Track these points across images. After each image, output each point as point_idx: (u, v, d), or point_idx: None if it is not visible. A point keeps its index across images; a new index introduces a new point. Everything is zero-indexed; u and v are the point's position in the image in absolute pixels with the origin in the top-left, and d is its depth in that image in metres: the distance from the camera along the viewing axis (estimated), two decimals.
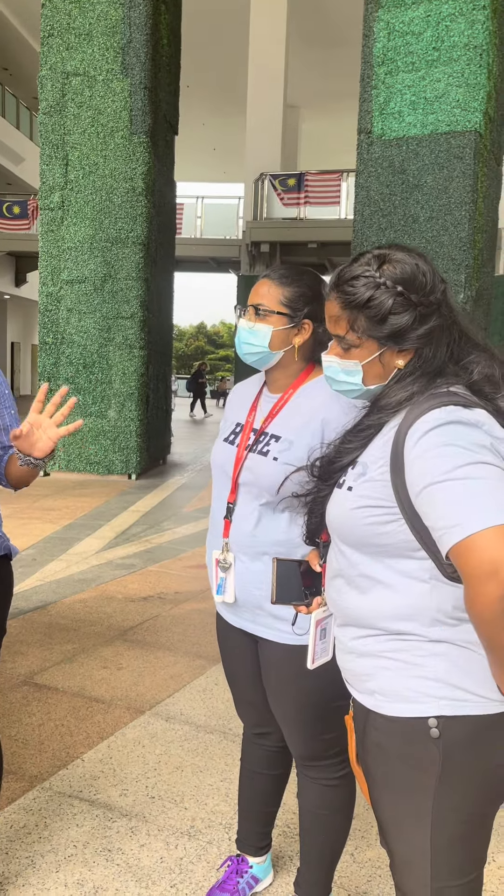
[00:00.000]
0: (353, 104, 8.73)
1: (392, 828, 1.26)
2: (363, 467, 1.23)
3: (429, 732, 1.17)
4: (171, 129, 9.84)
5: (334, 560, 1.31)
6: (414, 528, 1.16)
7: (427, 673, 1.19)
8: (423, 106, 7.30)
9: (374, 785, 1.28)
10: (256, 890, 1.98)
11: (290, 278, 1.66)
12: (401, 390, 1.23)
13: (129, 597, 4.48)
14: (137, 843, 2.16)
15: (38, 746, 2.67)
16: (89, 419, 8.84)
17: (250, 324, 1.66)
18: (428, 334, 1.22)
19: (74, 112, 8.68)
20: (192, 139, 20.53)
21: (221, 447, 1.76)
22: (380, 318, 1.22)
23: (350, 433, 1.30)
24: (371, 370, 1.27)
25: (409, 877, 1.25)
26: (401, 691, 1.21)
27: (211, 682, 3.28)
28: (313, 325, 1.66)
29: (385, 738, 1.24)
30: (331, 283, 1.29)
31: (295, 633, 1.62)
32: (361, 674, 1.27)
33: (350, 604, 1.27)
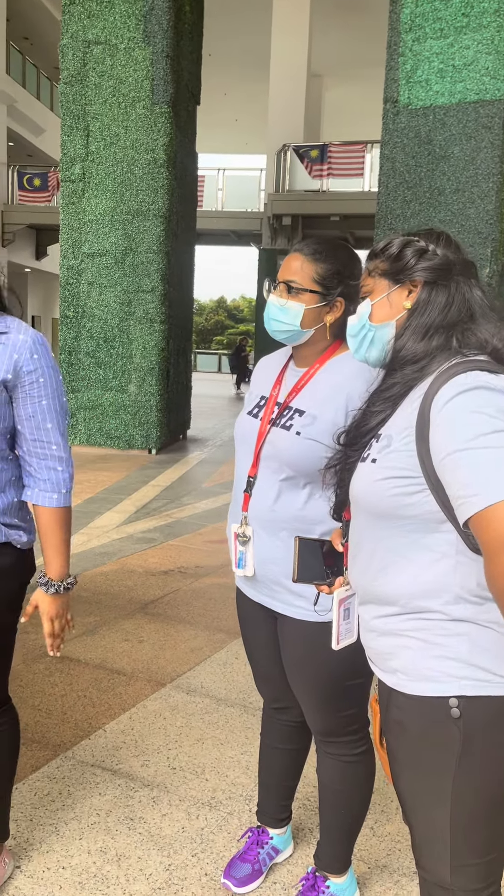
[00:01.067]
0: (378, 72, 8.53)
1: (412, 806, 1.26)
2: (388, 439, 1.22)
3: (449, 712, 1.17)
4: (193, 99, 9.70)
5: (357, 536, 1.30)
6: (439, 499, 1.15)
7: (449, 652, 1.18)
8: (452, 74, 7.12)
9: (395, 762, 1.28)
10: (276, 861, 2.00)
11: (324, 254, 1.62)
12: (416, 339, 1.24)
13: (149, 570, 4.51)
14: (159, 813, 2.19)
15: (61, 716, 2.71)
16: (110, 393, 8.86)
17: (282, 301, 1.63)
18: (437, 269, 1.26)
19: (95, 81, 8.58)
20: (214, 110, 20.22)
21: (245, 420, 1.75)
22: (394, 255, 1.29)
23: (375, 394, 1.29)
24: (379, 309, 1.31)
25: (428, 854, 1.25)
26: (422, 670, 1.20)
27: (231, 655, 3.30)
28: (346, 302, 1.63)
29: (406, 716, 1.24)
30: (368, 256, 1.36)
31: (317, 613, 1.62)
32: (383, 652, 1.27)
33: (372, 580, 1.26)
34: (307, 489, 1.62)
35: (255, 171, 18.61)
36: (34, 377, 1.58)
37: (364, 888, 1.92)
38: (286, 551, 1.64)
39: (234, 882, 1.89)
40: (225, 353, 37.54)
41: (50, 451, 1.64)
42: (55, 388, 1.63)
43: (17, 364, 1.56)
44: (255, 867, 1.92)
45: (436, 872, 1.25)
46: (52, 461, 1.65)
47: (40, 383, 1.59)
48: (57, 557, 1.70)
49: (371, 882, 1.95)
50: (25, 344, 1.57)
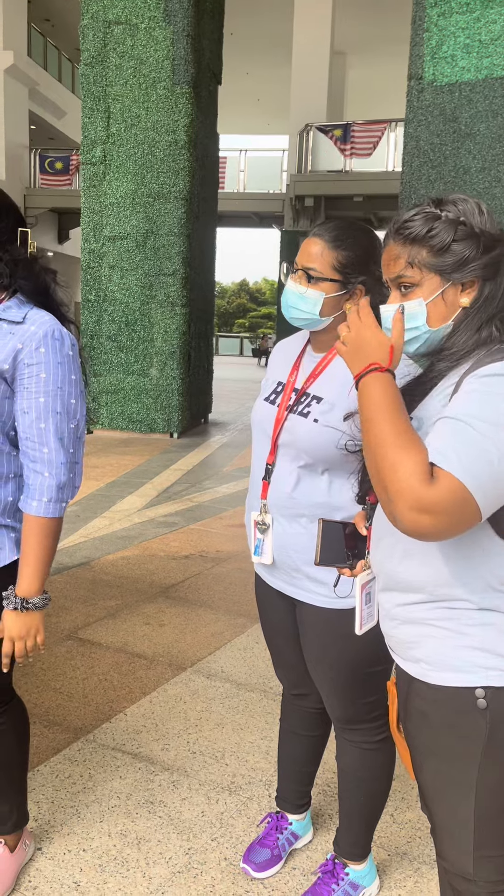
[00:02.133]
0: (403, 49, 8.38)
1: (435, 795, 1.24)
2: (419, 422, 1.18)
3: (476, 703, 1.15)
4: (214, 79, 9.60)
5: (382, 520, 1.27)
6: None
7: (475, 642, 1.15)
8: (478, 49, 6.95)
9: (417, 752, 1.26)
10: (296, 846, 2.00)
11: (345, 240, 1.57)
12: (470, 334, 1.18)
13: (170, 554, 4.52)
14: (179, 797, 2.20)
15: (83, 699, 2.73)
16: (131, 377, 8.87)
17: (301, 289, 1.59)
18: (494, 264, 1.18)
19: (116, 62, 8.51)
20: (236, 90, 20.01)
21: (262, 406, 1.72)
22: (441, 248, 1.18)
23: (412, 385, 1.25)
24: (435, 309, 1.20)
25: (450, 844, 1.24)
26: (448, 660, 1.18)
27: (251, 640, 3.30)
28: (366, 290, 1.59)
29: (429, 706, 1.21)
30: (388, 232, 1.24)
31: (336, 597, 1.60)
32: (406, 641, 1.24)
33: (396, 567, 1.23)
34: (326, 475, 1.60)
35: (278, 151, 18.42)
36: (34, 371, 1.49)
37: (384, 875, 1.92)
38: (307, 538, 1.62)
39: (253, 867, 1.89)
40: (247, 336, 37.41)
41: (40, 453, 1.52)
42: (58, 387, 1.51)
43: (18, 355, 1.48)
44: (274, 852, 1.92)
45: (457, 863, 1.23)
46: (40, 465, 1.52)
47: (40, 378, 1.49)
48: (26, 570, 1.54)
49: (391, 869, 1.94)
50: (35, 336, 1.49)
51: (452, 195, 1.22)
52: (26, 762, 1.85)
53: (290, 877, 1.91)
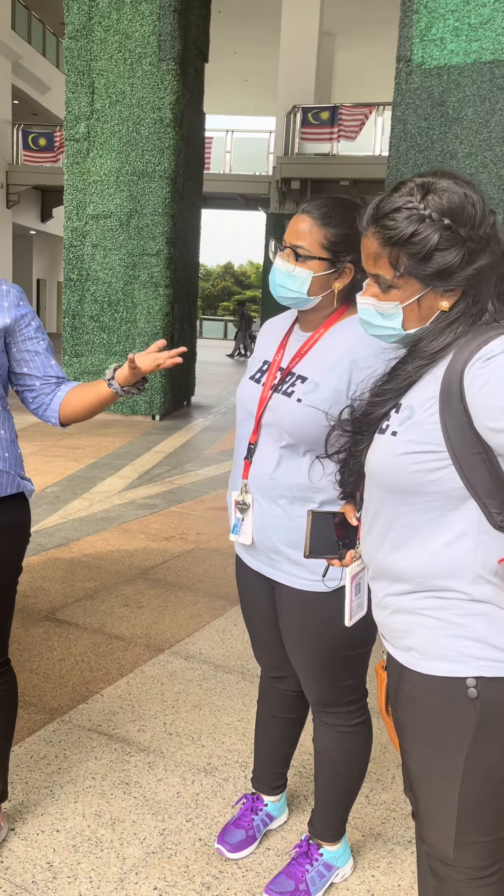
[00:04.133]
0: (392, 31, 8.29)
1: (421, 781, 1.24)
2: (409, 410, 1.15)
3: (466, 692, 1.15)
4: (201, 56, 9.46)
5: (371, 510, 1.25)
6: (463, 475, 1.10)
7: (467, 633, 1.15)
8: (467, 32, 6.91)
9: (406, 738, 1.26)
10: (271, 827, 2.00)
11: (334, 218, 1.53)
12: (445, 335, 1.14)
13: (151, 536, 4.49)
14: (154, 778, 2.19)
15: (59, 680, 2.71)
16: (113, 358, 8.78)
17: (289, 267, 1.55)
18: (477, 274, 1.12)
19: (101, 36, 8.36)
20: (223, 69, 19.72)
21: (247, 385, 1.70)
22: (424, 256, 1.11)
23: (385, 383, 1.21)
24: (412, 313, 1.17)
25: (432, 829, 1.24)
26: (439, 650, 1.17)
27: (230, 622, 3.29)
28: (355, 268, 1.56)
29: (420, 694, 1.21)
30: (368, 217, 1.17)
31: (316, 580, 1.59)
32: (397, 629, 1.23)
33: (387, 557, 1.21)
34: (308, 457, 1.58)
35: (264, 133, 18.25)
36: (27, 320, 1.73)
37: (358, 856, 1.92)
38: (286, 519, 1.61)
39: (227, 847, 1.89)
40: (231, 320, 37.20)
41: (58, 381, 1.80)
42: (44, 330, 1.79)
43: (10, 310, 1.70)
44: (248, 833, 1.92)
45: (439, 847, 1.24)
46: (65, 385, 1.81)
47: (33, 326, 1.74)
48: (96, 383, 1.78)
49: (365, 850, 1.95)
50: (10, 293, 1.71)
51: (442, 181, 1.14)
52: (12, 735, 1.86)
53: (265, 857, 1.91)
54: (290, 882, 1.77)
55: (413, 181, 1.16)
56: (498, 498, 1.10)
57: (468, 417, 1.08)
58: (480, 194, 1.15)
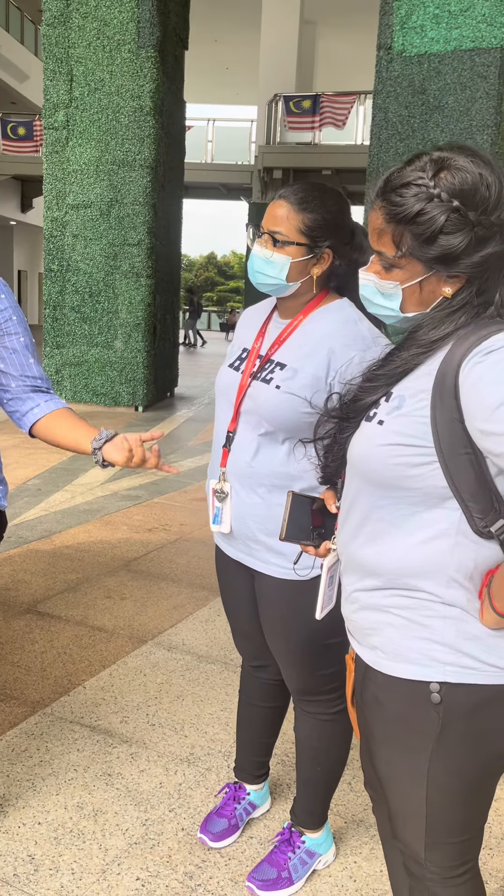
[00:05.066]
0: (372, 20, 8.26)
1: (388, 782, 1.23)
2: (399, 400, 1.10)
3: (430, 697, 1.12)
4: (180, 44, 9.37)
5: (349, 499, 1.21)
6: (448, 474, 1.06)
7: (434, 635, 1.11)
8: (447, 20, 6.88)
9: (371, 738, 1.24)
10: (253, 816, 2.00)
11: (312, 202, 1.52)
12: (445, 324, 1.08)
13: (133, 528, 4.48)
14: (137, 769, 2.19)
15: (41, 673, 2.70)
16: (95, 349, 8.73)
17: (267, 253, 1.54)
18: (483, 262, 1.06)
19: (79, 23, 8.26)
20: (204, 57, 19.58)
21: (226, 373, 1.69)
22: (428, 237, 1.05)
23: (378, 368, 1.17)
24: (412, 296, 1.12)
25: (404, 829, 1.23)
26: (404, 651, 1.14)
27: (213, 612, 3.29)
28: (333, 254, 1.55)
29: (384, 694, 1.19)
30: (377, 189, 1.11)
31: (296, 572, 1.58)
32: (364, 627, 1.20)
33: (360, 549, 1.18)
34: (286, 445, 1.57)
35: (246, 122, 18.16)
36: (7, 315, 1.62)
37: (340, 842, 1.93)
38: (265, 508, 1.60)
39: (210, 837, 1.89)
40: (215, 310, 37.02)
41: (36, 384, 1.67)
42: (26, 326, 1.67)
43: None
44: (231, 822, 1.93)
45: (410, 846, 1.23)
46: (41, 391, 1.68)
47: (13, 321, 1.63)
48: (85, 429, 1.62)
49: (347, 837, 1.96)
50: None
51: (459, 158, 1.06)
52: None
53: (247, 846, 1.91)
54: (273, 870, 1.77)
55: (429, 155, 1.09)
56: (482, 502, 1.06)
57: (460, 415, 1.03)
58: (499, 175, 1.06)
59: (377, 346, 1.47)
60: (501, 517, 1.07)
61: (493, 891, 1.80)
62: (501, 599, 1.04)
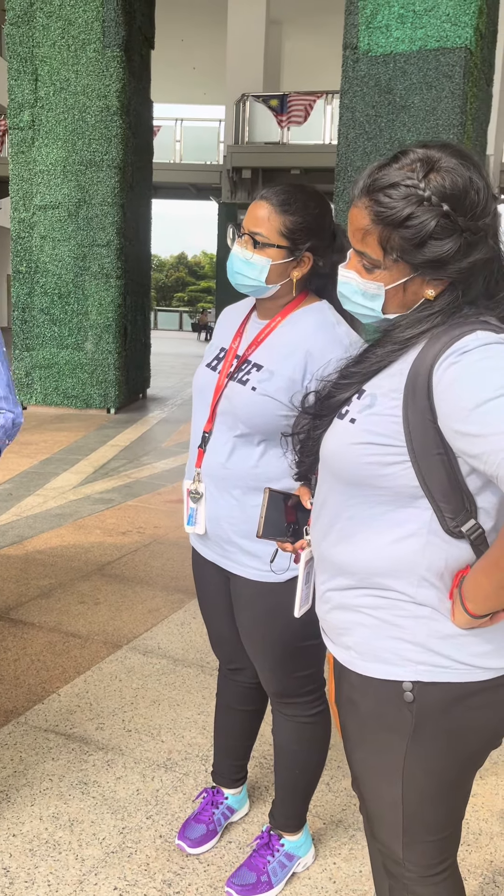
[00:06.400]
0: (338, 19, 8.28)
1: (364, 781, 1.23)
2: (371, 398, 1.09)
3: (402, 696, 1.12)
4: (146, 43, 9.31)
5: (321, 497, 1.21)
6: (420, 473, 1.05)
7: (406, 635, 1.11)
8: (412, 20, 6.92)
9: (347, 738, 1.24)
10: (232, 820, 1.99)
11: (293, 205, 1.51)
12: (422, 323, 1.07)
13: (107, 531, 4.44)
14: (114, 776, 2.16)
15: (14, 682, 2.65)
16: (65, 351, 8.64)
17: (247, 254, 1.53)
18: (470, 268, 1.04)
19: (43, 22, 8.17)
20: (171, 57, 19.48)
21: (203, 372, 1.68)
22: (417, 242, 1.03)
23: (352, 365, 1.15)
24: (395, 297, 1.10)
25: (381, 828, 1.23)
26: (377, 651, 1.14)
27: (189, 616, 3.26)
28: (314, 257, 1.54)
29: (358, 695, 1.19)
30: (360, 187, 1.07)
31: (271, 571, 1.57)
32: (337, 626, 1.20)
33: (331, 548, 1.18)
34: (262, 446, 1.57)
35: (214, 122, 18.13)
36: None
37: (319, 844, 1.93)
38: (239, 510, 1.59)
39: (188, 843, 1.88)
40: (186, 311, 36.92)
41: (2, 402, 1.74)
42: (3, 348, 1.71)
43: None
44: (209, 827, 1.91)
45: (388, 846, 1.22)
46: None
47: None
48: None
49: (326, 837, 1.95)
50: None
51: (449, 159, 1.03)
52: None
53: (226, 850, 1.90)
54: (252, 874, 1.76)
55: (415, 152, 1.04)
56: (453, 502, 1.05)
57: (433, 416, 1.02)
58: (486, 179, 1.05)
59: (354, 349, 1.46)
60: (472, 517, 1.07)
61: (472, 887, 1.81)
62: (473, 600, 1.04)
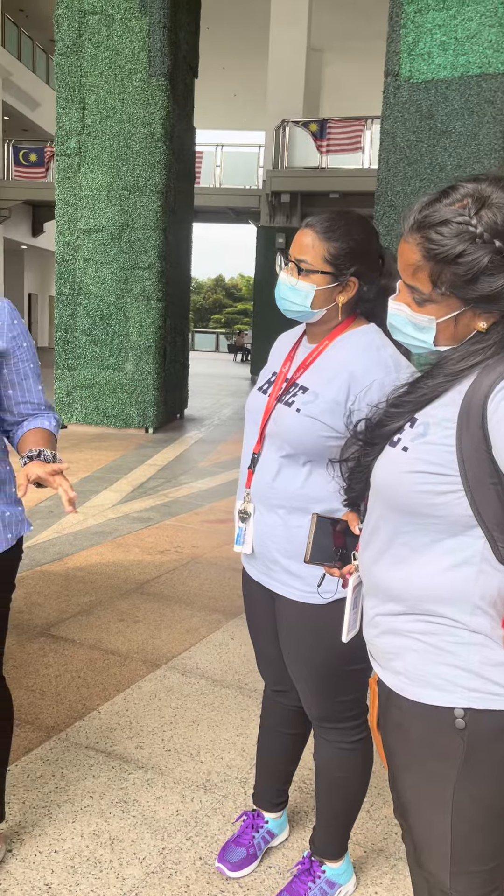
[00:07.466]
0: (379, 46, 8.37)
1: (412, 808, 1.21)
2: (424, 427, 1.10)
3: (454, 722, 1.11)
4: (190, 72, 9.53)
5: (372, 523, 1.21)
6: (474, 503, 1.05)
7: (459, 662, 1.11)
8: (454, 47, 6.97)
9: (394, 764, 1.23)
10: (272, 845, 1.97)
11: (337, 231, 1.53)
12: (474, 355, 1.07)
13: (145, 550, 4.47)
14: (153, 796, 2.16)
15: (55, 697, 2.68)
16: (106, 372, 8.78)
17: (293, 280, 1.56)
18: None
19: (91, 53, 8.41)
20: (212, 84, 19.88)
21: (254, 396, 1.71)
22: (470, 278, 1.03)
23: (404, 394, 1.16)
24: (446, 330, 1.10)
25: (428, 857, 1.21)
26: (428, 677, 1.13)
27: (227, 636, 3.27)
28: (359, 282, 1.56)
29: (407, 720, 1.18)
30: (411, 223, 1.08)
31: (313, 591, 1.57)
32: (386, 651, 1.20)
33: (383, 574, 1.18)
34: (307, 467, 1.58)
35: (254, 147, 18.38)
36: (18, 342, 1.64)
37: (360, 872, 1.90)
38: (284, 529, 1.60)
39: (228, 866, 1.87)
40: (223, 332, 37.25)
41: (41, 408, 1.73)
42: (34, 351, 1.70)
43: (3, 330, 1.61)
44: (249, 851, 1.90)
45: (435, 875, 1.21)
46: (43, 414, 1.73)
47: (24, 347, 1.65)
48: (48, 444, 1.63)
49: (367, 866, 1.93)
50: (4, 310, 1.62)
51: (499, 193, 1.03)
52: (7, 754, 1.82)
53: (266, 875, 1.88)
54: None
55: (465, 187, 1.05)
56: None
57: (487, 445, 1.02)
58: None
59: (399, 372, 1.48)
60: None
61: None
62: None
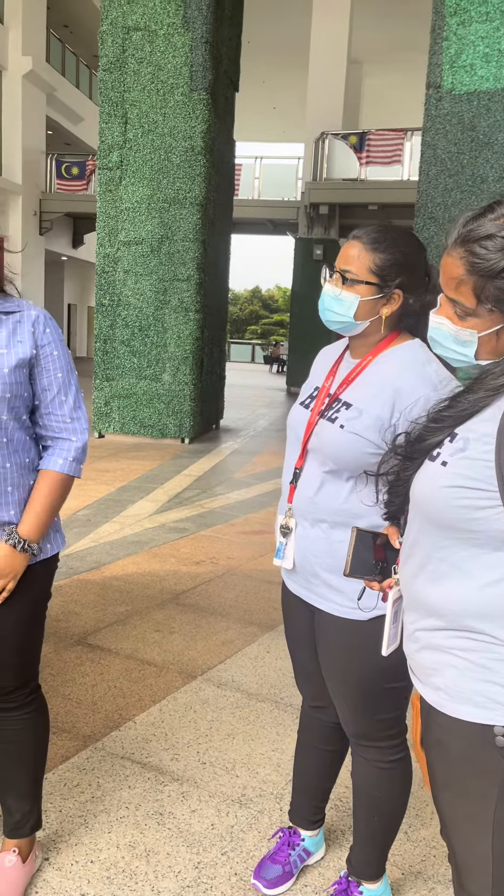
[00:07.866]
0: (420, 58, 8.36)
1: (452, 827, 1.20)
2: (464, 442, 1.11)
3: (494, 740, 1.09)
4: (231, 86, 9.61)
5: (412, 537, 1.21)
6: None
7: (498, 679, 1.10)
8: (497, 58, 6.93)
9: (435, 782, 1.22)
10: (308, 863, 1.95)
11: (383, 243, 1.53)
12: None
13: (181, 560, 4.48)
14: (189, 809, 2.16)
15: (92, 707, 2.70)
16: (144, 382, 8.86)
17: (336, 291, 1.56)
18: None
19: (134, 68, 8.54)
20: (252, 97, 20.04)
21: (296, 411, 1.71)
22: None
23: (444, 409, 1.17)
24: (488, 343, 1.11)
25: (469, 878, 1.19)
26: (467, 693, 1.12)
27: (263, 649, 3.26)
28: (404, 295, 1.56)
29: (447, 737, 1.16)
30: (455, 238, 1.10)
31: (354, 606, 1.56)
32: (426, 666, 1.19)
33: (423, 588, 1.17)
34: (350, 483, 1.57)
35: (293, 159, 18.47)
36: (48, 350, 1.62)
37: (398, 895, 1.87)
38: (326, 544, 1.59)
39: (264, 883, 1.85)
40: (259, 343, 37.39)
41: (65, 424, 1.66)
42: (68, 361, 1.66)
43: (36, 338, 1.60)
44: (285, 868, 1.88)
45: None
46: (66, 433, 1.66)
47: (54, 356, 1.63)
48: (34, 517, 1.60)
49: (405, 889, 1.90)
50: (39, 319, 1.62)
51: None
52: (44, 762, 1.84)
53: (302, 894, 1.86)
54: None
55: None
56: None
57: None
58: None
59: (444, 388, 1.46)
60: None
61: None
62: None
